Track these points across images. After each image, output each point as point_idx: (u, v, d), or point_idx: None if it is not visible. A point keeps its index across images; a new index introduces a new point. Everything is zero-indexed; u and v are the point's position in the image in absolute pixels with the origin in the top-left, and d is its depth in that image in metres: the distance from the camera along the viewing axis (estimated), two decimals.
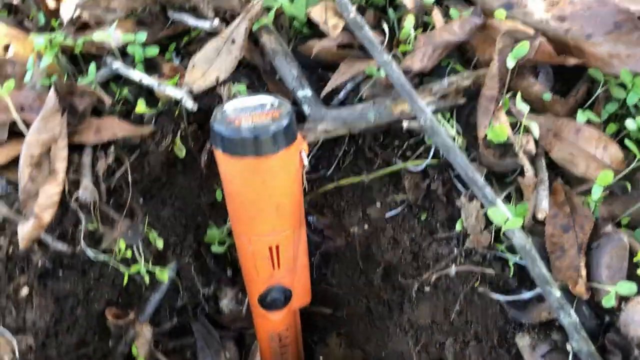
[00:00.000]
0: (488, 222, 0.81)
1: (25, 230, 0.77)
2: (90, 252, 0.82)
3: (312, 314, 1.13)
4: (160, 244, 0.86)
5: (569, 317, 0.71)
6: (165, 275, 0.85)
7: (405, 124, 0.78)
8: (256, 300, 0.94)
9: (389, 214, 0.90)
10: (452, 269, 0.85)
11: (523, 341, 0.78)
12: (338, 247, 1.02)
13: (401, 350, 0.97)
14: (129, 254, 0.82)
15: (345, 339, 1.12)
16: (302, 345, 1.08)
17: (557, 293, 0.72)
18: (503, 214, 0.72)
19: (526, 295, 0.79)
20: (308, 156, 0.79)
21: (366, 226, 0.96)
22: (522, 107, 0.74)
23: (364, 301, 1.07)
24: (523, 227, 0.75)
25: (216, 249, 0.97)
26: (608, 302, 0.70)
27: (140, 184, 0.90)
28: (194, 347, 1.04)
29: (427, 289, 0.91)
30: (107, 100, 0.84)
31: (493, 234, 0.80)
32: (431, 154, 0.85)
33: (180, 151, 0.88)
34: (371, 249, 0.98)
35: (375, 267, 0.98)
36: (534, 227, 0.79)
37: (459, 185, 0.84)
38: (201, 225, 1.00)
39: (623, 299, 0.71)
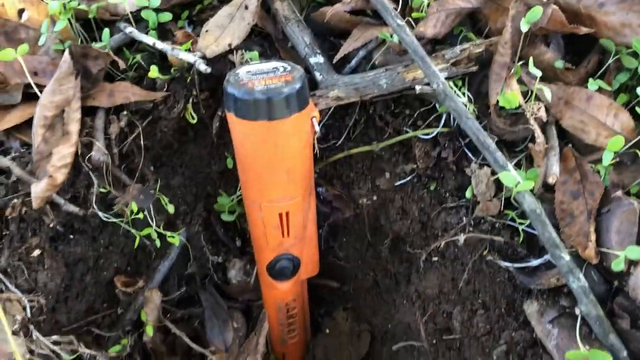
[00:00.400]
0: (498, 190, 0.81)
1: (38, 190, 0.77)
2: (102, 214, 0.82)
3: (319, 287, 1.14)
4: (171, 209, 0.87)
5: (578, 281, 0.71)
6: (176, 239, 0.86)
7: (417, 88, 0.78)
8: (265, 269, 0.94)
9: (398, 183, 0.91)
10: (461, 237, 0.85)
11: (531, 308, 0.79)
12: (346, 219, 1.03)
13: (408, 321, 0.98)
14: (140, 216, 0.82)
15: (352, 312, 1.12)
16: (309, 316, 1.09)
17: (567, 257, 0.72)
18: (514, 177, 0.72)
19: (535, 262, 0.80)
20: (319, 124, 0.80)
21: (375, 197, 0.96)
22: (534, 71, 0.75)
23: (371, 274, 1.08)
24: (533, 193, 0.75)
25: (226, 217, 0.98)
26: (617, 266, 0.70)
27: (152, 150, 0.91)
28: (201, 316, 1.04)
29: (435, 258, 0.91)
30: (121, 63, 0.85)
31: (503, 201, 0.81)
32: (442, 122, 0.85)
33: (192, 118, 0.89)
34: (379, 220, 0.98)
35: (384, 239, 0.99)
36: (544, 195, 0.79)
37: (469, 154, 0.85)
38: (211, 195, 1.01)
39: (632, 264, 0.71)
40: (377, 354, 1.07)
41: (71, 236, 0.87)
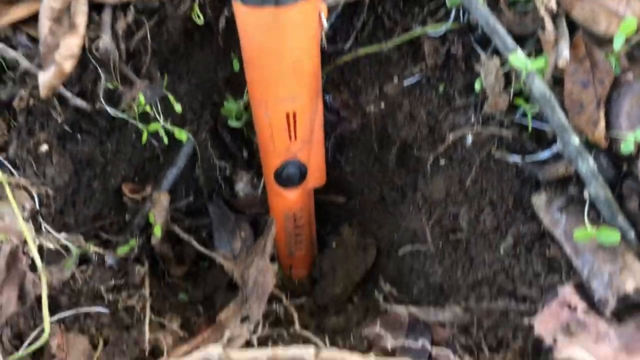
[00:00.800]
0: (507, 84, 0.81)
1: (45, 79, 0.77)
2: (110, 110, 0.82)
3: (325, 204, 1.14)
4: (178, 108, 0.87)
5: (587, 164, 0.71)
6: (183, 135, 0.86)
7: None
8: (272, 176, 0.94)
9: (407, 82, 0.90)
10: (469, 136, 0.85)
11: (539, 199, 0.78)
12: (353, 130, 1.02)
13: (414, 228, 0.98)
14: (148, 109, 0.82)
15: (358, 227, 1.13)
16: (315, 230, 1.09)
17: (576, 141, 0.72)
18: (523, 59, 0.72)
19: (543, 154, 0.79)
20: (327, 21, 0.80)
21: (383, 104, 0.96)
22: None
23: (377, 189, 1.08)
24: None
25: (233, 123, 0.97)
26: (626, 147, 0.69)
27: (159, 53, 0.90)
28: (209, 227, 1.05)
29: (442, 161, 0.91)
30: None
31: (512, 94, 0.80)
32: (451, 17, 0.84)
33: (198, 18, 0.88)
34: (387, 128, 0.98)
35: (391, 148, 0.99)
36: (553, 88, 0.78)
37: (479, 50, 0.84)
38: (218, 104, 1.01)
39: None
40: (383, 266, 1.08)
41: (79, 136, 0.87)
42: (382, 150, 1.01)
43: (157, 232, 0.90)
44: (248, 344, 0.79)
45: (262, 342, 0.79)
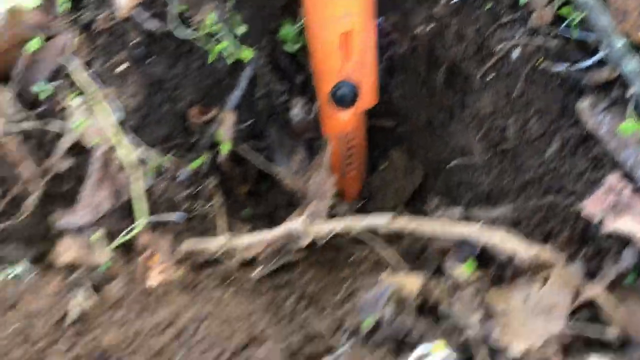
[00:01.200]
0: None
1: (122, 0, 0.85)
2: (181, 30, 0.89)
3: (373, 129, 1.20)
4: (243, 29, 0.93)
5: (631, 64, 0.76)
6: (249, 53, 0.92)
7: None
8: (326, 98, 1.00)
9: (454, 1, 0.95)
10: (516, 49, 0.90)
11: (583, 104, 0.83)
12: (403, 53, 1.07)
13: (462, 145, 1.04)
14: (215, 28, 0.89)
15: (407, 151, 1.19)
16: (366, 152, 1.15)
17: (620, 42, 0.76)
18: None
19: (588, 62, 0.84)
20: None
21: (431, 25, 1.00)
22: None
23: (425, 112, 1.13)
24: None
25: (289, 47, 1.03)
26: None
27: None
28: (268, 150, 1.12)
29: (489, 77, 0.96)
30: None
31: (556, 7, 0.85)
32: None
33: None
34: (435, 51, 1.03)
35: (439, 69, 1.04)
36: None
37: None
38: (274, 32, 1.07)
39: None
40: (430, 185, 1.14)
41: (151, 58, 0.94)
42: (430, 73, 1.07)
43: (225, 149, 0.97)
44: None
45: None
